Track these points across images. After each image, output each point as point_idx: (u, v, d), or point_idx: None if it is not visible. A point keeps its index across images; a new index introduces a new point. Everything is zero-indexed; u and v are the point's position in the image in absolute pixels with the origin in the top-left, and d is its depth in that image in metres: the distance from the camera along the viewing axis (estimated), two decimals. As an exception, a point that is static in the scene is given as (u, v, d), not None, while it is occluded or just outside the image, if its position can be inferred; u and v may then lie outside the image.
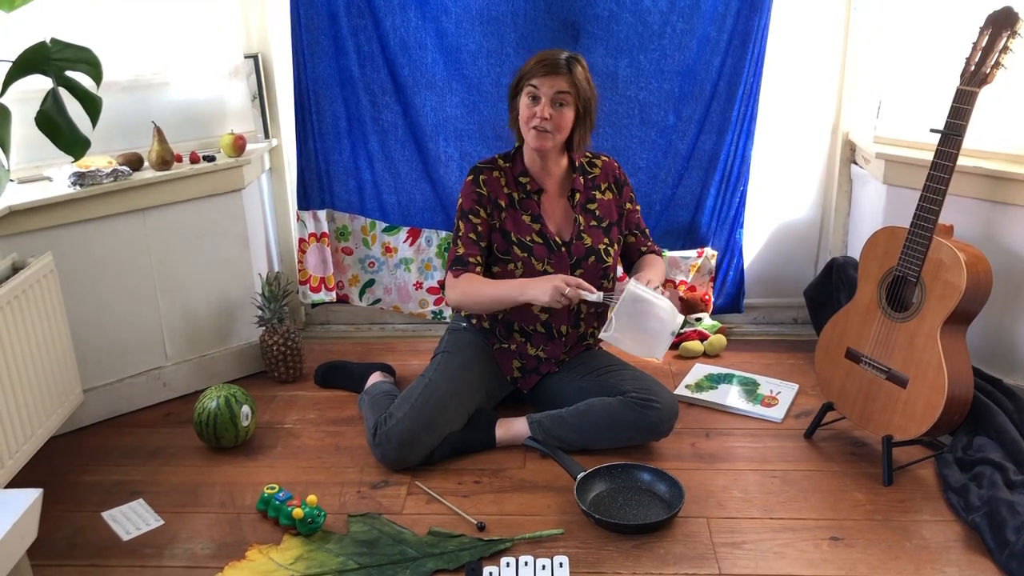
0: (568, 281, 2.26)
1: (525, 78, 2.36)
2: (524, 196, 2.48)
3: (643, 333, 2.23)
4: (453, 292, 2.45)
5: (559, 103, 2.34)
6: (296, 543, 2.11)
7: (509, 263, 2.47)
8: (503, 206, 2.47)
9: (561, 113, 2.35)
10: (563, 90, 2.33)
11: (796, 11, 2.94)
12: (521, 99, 2.38)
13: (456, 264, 2.46)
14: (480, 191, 2.47)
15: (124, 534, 2.18)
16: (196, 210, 2.77)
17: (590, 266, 2.47)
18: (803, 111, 3.08)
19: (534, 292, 2.29)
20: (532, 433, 2.44)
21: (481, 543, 2.09)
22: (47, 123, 2.18)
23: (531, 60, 2.38)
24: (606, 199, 2.54)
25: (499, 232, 2.47)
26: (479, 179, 2.48)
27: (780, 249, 3.27)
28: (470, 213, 2.47)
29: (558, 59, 2.33)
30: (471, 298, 2.43)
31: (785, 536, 2.12)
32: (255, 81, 2.98)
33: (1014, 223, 2.53)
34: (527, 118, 2.37)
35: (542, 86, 2.33)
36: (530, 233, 2.46)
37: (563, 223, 2.50)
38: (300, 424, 2.70)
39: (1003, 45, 2.14)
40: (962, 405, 2.29)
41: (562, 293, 2.24)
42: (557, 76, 2.32)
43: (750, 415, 2.69)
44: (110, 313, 2.66)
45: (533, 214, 2.48)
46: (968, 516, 2.13)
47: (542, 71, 2.32)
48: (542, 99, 2.33)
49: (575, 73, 2.34)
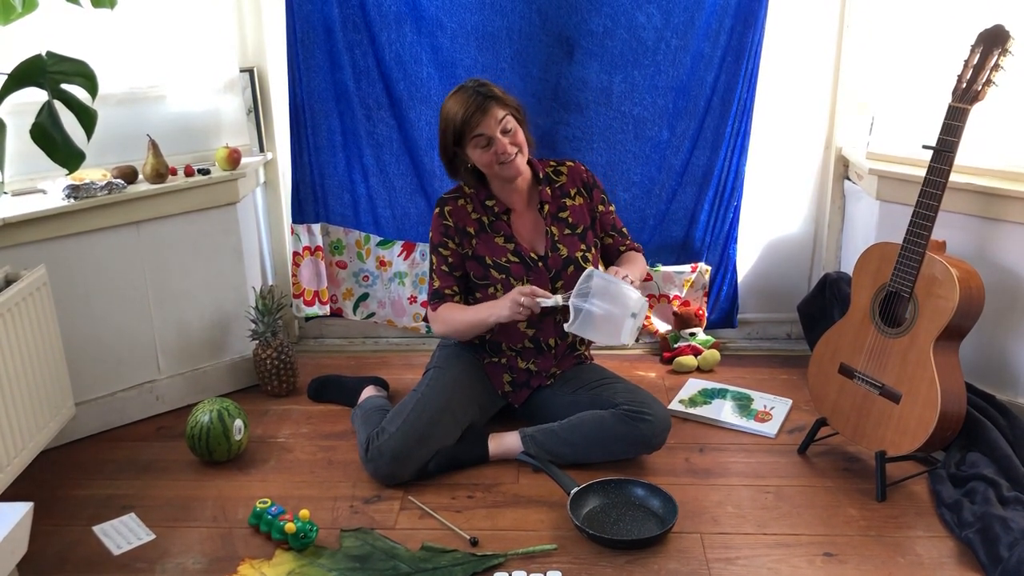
0: (523, 291, 2.30)
1: (466, 134, 2.34)
2: (493, 219, 2.50)
3: (604, 317, 2.22)
4: (436, 326, 2.54)
5: (504, 129, 2.35)
6: (288, 558, 2.10)
7: (489, 287, 2.48)
8: (472, 233, 2.49)
9: (514, 134, 2.37)
10: (500, 116, 2.34)
11: (790, 28, 2.96)
12: (471, 154, 2.39)
13: (434, 298, 2.52)
14: (447, 223, 2.49)
15: (115, 548, 2.16)
16: (190, 223, 2.77)
17: (570, 276, 2.47)
18: (796, 127, 3.10)
19: (497, 311, 2.36)
20: (525, 447, 2.44)
21: (474, 558, 2.08)
22: (42, 136, 2.18)
23: (454, 116, 2.34)
24: (577, 204, 2.55)
25: (473, 259, 2.49)
26: (444, 211, 2.50)
27: (774, 264, 3.28)
28: (439, 246, 2.50)
29: (475, 97, 2.33)
30: (451, 328, 2.50)
31: (779, 552, 2.12)
32: (250, 95, 2.98)
33: (1006, 239, 2.54)
34: (488, 163, 2.38)
35: (485, 127, 2.33)
36: (505, 254, 2.47)
37: (536, 237, 2.51)
38: (293, 438, 2.69)
39: (994, 63, 2.16)
40: (955, 421, 2.29)
41: (520, 303, 2.27)
42: (488, 110, 2.32)
43: (744, 430, 2.69)
44: (103, 326, 2.65)
45: (506, 235, 2.49)
46: (961, 532, 2.13)
47: (476, 116, 2.32)
48: (494, 138, 2.35)
49: (495, 94, 2.35)
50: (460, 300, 2.52)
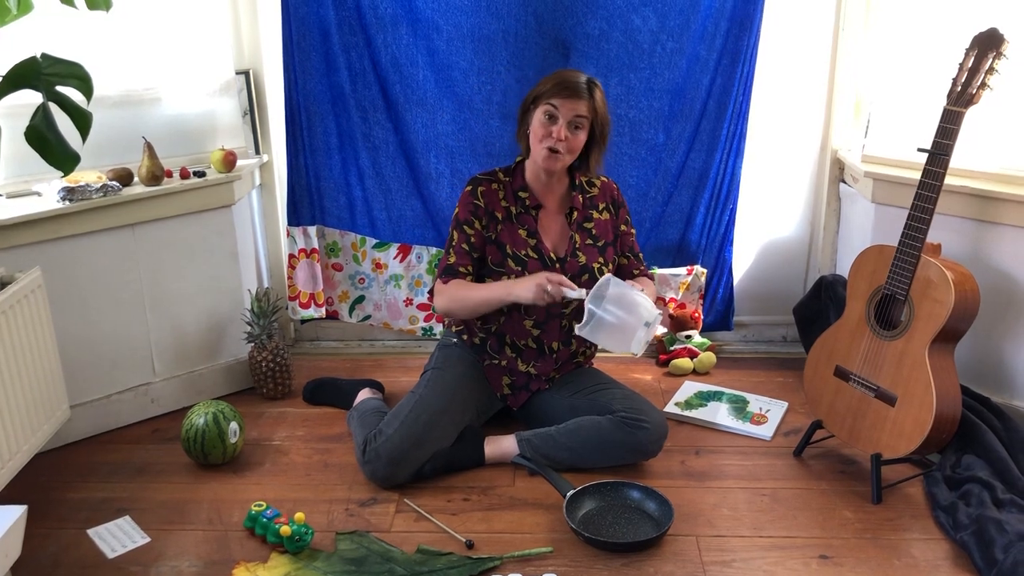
0: (551, 278, 2.27)
1: (544, 96, 2.35)
2: (522, 211, 2.48)
3: (617, 325, 2.20)
4: (441, 298, 2.47)
5: (575, 126, 2.35)
6: (283, 561, 2.09)
7: (503, 276, 2.47)
8: (499, 219, 2.47)
9: (576, 136, 2.36)
10: (582, 114, 2.34)
11: (785, 31, 2.97)
12: (536, 114, 2.38)
13: (446, 272, 2.47)
14: (477, 202, 2.47)
15: (110, 552, 2.16)
16: (186, 226, 2.76)
17: (585, 283, 2.47)
18: (792, 130, 3.10)
19: (519, 291, 2.31)
20: (521, 451, 2.43)
21: (470, 561, 2.08)
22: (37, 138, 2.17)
23: (550, 79, 2.37)
24: (603, 219, 2.55)
25: (495, 244, 2.47)
26: (477, 191, 2.48)
27: (769, 267, 3.28)
28: (465, 224, 2.47)
29: (579, 82, 2.34)
30: (459, 303, 2.44)
31: (774, 554, 2.12)
32: (246, 97, 2.98)
33: (1001, 242, 2.54)
34: (542, 136, 2.37)
35: (562, 107, 2.33)
36: (526, 248, 2.46)
37: (559, 240, 2.51)
38: (288, 441, 2.68)
39: (989, 66, 2.16)
40: (950, 423, 2.29)
41: (545, 290, 2.25)
42: (578, 100, 2.33)
43: (740, 433, 2.69)
44: (98, 329, 2.64)
45: (530, 229, 2.48)
46: (957, 534, 2.13)
47: (563, 93, 2.33)
48: (560, 120, 2.34)
49: (595, 98, 2.36)
50: (472, 280, 2.48)
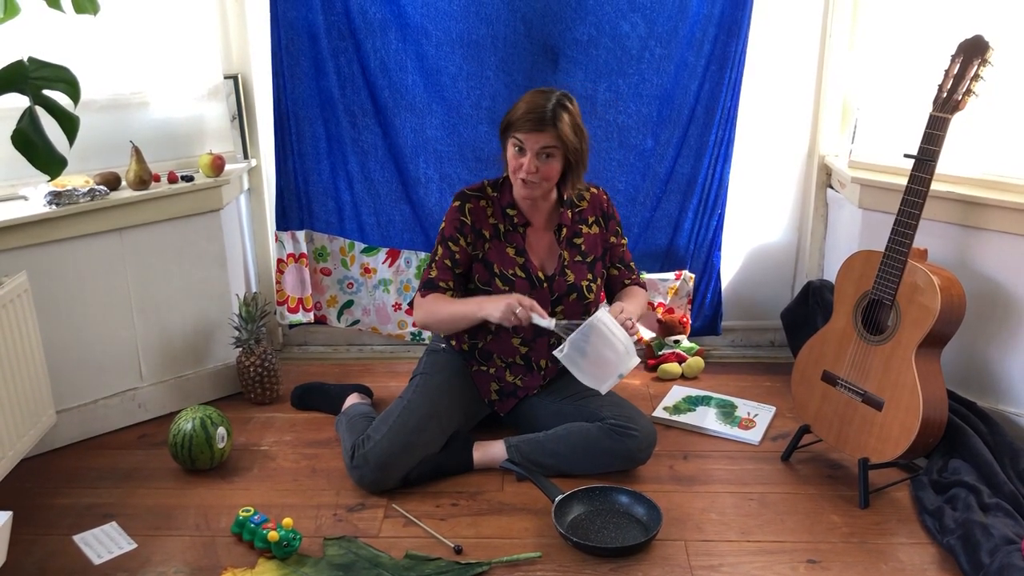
0: (522, 302, 2.26)
1: (512, 128, 2.31)
2: (510, 228, 2.46)
3: (594, 364, 2.21)
4: (419, 312, 2.48)
5: (546, 155, 2.30)
6: (271, 566, 2.09)
7: (490, 295, 2.46)
8: (487, 236, 2.46)
9: (548, 164, 2.31)
10: (548, 145, 2.29)
11: (773, 37, 2.98)
12: (508, 145, 2.36)
13: (425, 286, 2.47)
14: (464, 219, 2.45)
15: (96, 558, 2.14)
16: (173, 230, 2.76)
17: (571, 303, 2.47)
18: (780, 136, 3.12)
19: (490, 308, 2.31)
20: (509, 456, 2.43)
21: (458, 566, 2.08)
22: (23, 142, 2.16)
23: (519, 105, 2.31)
24: (592, 233, 2.54)
25: (481, 262, 2.47)
26: (465, 207, 2.46)
27: (757, 272, 3.30)
28: (450, 240, 2.46)
29: (544, 112, 2.26)
30: (434, 316, 2.45)
31: (762, 559, 2.12)
32: (234, 101, 2.97)
33: (987, 247, 2.56)
34: (514, 168, 2.35)
35: (527, 140, 2.29)
36: (513, 267, 2.45)
37: (547, 257, 2.50)
38: (276, 446, 2.67)
39: (974, 73, 2.18)
40: (937, 428, 2.31)
41: (514, 311, 2.24)
42: (542, 133, 2.26)
43: (728, 437, 2.70)
44: (85, 333, 2.63)
45: (518, 247, 2.46)
46: (943, 539, 2.14)
47: (527, 127, 2.27)
48: (527, 152, 2.31)
49: (560, 126, 2.26)
50: (452, 296, 2.46)
